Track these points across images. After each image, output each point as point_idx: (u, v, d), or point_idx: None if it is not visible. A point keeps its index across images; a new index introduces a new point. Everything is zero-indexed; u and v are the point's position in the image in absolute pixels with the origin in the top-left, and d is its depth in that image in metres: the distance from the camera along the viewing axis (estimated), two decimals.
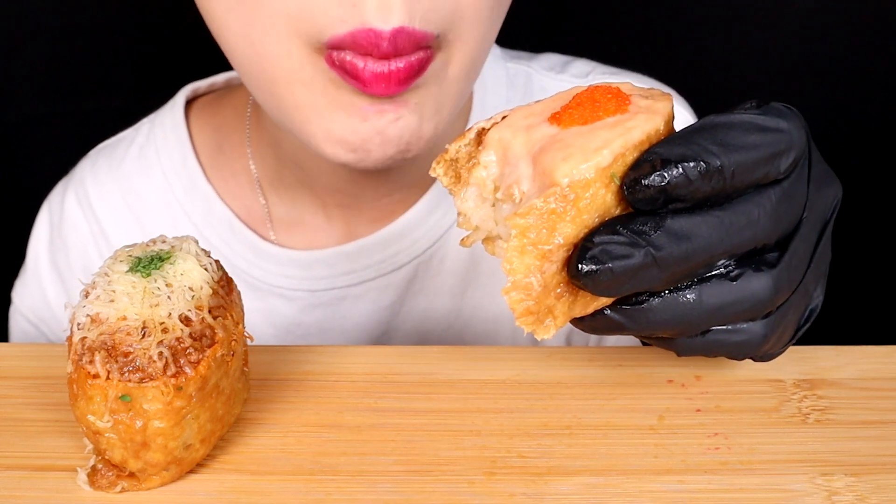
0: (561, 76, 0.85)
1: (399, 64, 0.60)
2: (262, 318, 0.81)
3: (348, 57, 0.60)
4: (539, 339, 0.47)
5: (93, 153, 0.89)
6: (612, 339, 0.82)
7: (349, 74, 0.60)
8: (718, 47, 1.11)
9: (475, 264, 0.81)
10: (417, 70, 0.61)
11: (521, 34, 0.88)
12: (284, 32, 0.61)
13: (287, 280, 0.80)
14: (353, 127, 0.63)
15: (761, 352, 0.52)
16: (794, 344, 0.56)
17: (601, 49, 0.92)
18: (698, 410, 0.58)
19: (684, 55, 1.08)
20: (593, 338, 0.84)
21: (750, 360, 0.59)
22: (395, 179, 0.77)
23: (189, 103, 0.86)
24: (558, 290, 0.46)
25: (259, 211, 0.81)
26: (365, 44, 0.59)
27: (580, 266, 0.45)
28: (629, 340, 0.82)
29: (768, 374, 0.60)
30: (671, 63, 0.92)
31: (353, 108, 0.62)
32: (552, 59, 0.87)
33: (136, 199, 0.84)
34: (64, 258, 0.85)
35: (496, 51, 0.85)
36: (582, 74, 0.85)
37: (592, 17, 1.12)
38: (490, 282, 0.82)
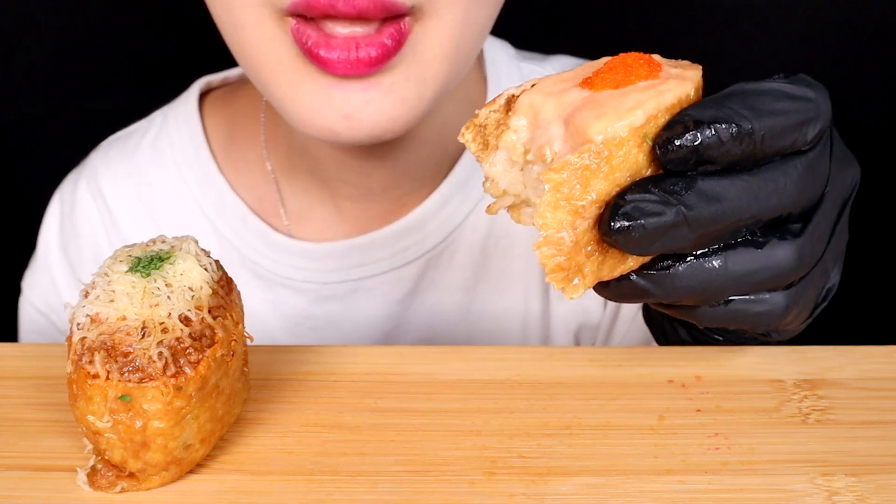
0: None
1: (371, 52, 0.60)
2: (271, 310, 0.81)
3: (313, 37, 0.60)
4: (568, 297, 0.47)
5: (105, 144, 0.89)
6: (622, 330, 0.82)
7: (312, 57, 0.60)
8: (717, 48, 1.11)
9: (486, 260, 0.81)
10: (392, 52, 0.61)
11: (518, 35, 0.89)
12: (252, 1, 0.61)
13: (298, 272, 0.80)
14: (316, 108, 0.62)
15: (781, 325, 0.53)
16: (795, 343, 0.56)
17: (598, 51, 0.92)
18: (698, 410, 0.58)
19: (683, 56, 1.09)
20: (599, 338, 0.84)
21: (750, 359, 0.60)
22: (403, 173, 0.77)
23: (202, 96, 0.86)
24: (588, 248, 0.47)
25: (272, 202, 0.82)
26: (319, 6, 0.59)
27: (612, 223, 0.46)
28: (630, 341, 0.83)
29: (768, 375, 0.60)
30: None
31: (316, 86, 0.62)
32: (563, 60, 0.88)
33: (149, 190, 0.84)
34: (75, 248, 0.86)
35: (510, 51, 0.85)
36: None
37: (590, 19, 1.13)
38: (500, 278, 0.82)
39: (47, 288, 0.87)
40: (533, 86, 0.51)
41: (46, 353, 0.61)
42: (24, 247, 1.03)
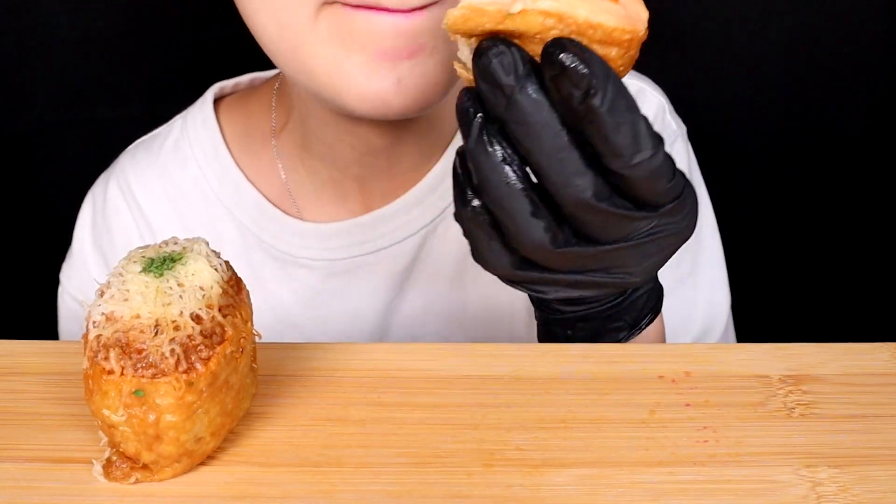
0: None
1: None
2: (286, 287, 0.87)
3: None
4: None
5: (131, 148, 0.95)
6: None
7: (363, 6, 0.64)
8: (707, 56, 1.12)
9: None
10: None
11: None
12: None
13: (309, 251, 0.86)
14: (365, 77, 0.66)
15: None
16: (780, 341, 0.57)
17: None
18: (688, 405, 0.59)
19: (675, 63, 1.10)
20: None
21: (737, 355, 0.62)
22: (410, 150, 0.82)
23: (217, 101, 0.92)
24: None
25: (283, 190, 0.87)
26: None
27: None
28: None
29: (755, 370, 0.61)
30: (662, 70, 0.94)
31: (363, 57, 0.66)
32: None
33: (174, 188, 0.90)
34: (108, 241, 0.91)
35: None
36: None
37: None
38: None
39: (83, 278, 0.93)
40: None
41: (64, 350, 0.63)
42: (44, 248, 1.06)
